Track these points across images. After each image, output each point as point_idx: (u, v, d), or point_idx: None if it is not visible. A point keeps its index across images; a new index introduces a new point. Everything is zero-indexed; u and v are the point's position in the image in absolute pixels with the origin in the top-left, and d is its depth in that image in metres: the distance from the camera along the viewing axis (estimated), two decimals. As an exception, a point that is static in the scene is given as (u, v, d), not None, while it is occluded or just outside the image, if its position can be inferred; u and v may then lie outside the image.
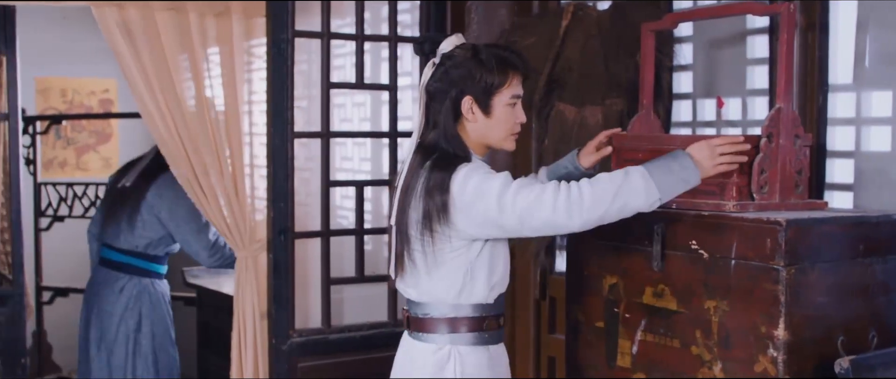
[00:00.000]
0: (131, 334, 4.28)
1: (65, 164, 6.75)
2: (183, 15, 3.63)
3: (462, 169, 2.57)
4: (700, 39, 3.44)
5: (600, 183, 2.49)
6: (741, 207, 2.64)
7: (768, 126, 2.69)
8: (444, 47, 2.65)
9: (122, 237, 4.30)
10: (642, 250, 2.82)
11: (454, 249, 2.60)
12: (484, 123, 2.65)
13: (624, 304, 2.90)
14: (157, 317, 4.32)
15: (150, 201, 4.27)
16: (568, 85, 3.77)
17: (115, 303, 4.30)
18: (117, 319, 4.28)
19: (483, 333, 2.69)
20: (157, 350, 4.30)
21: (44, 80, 6.63)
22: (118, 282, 4.31)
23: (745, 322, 2.53)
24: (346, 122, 5.19)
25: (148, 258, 4.32)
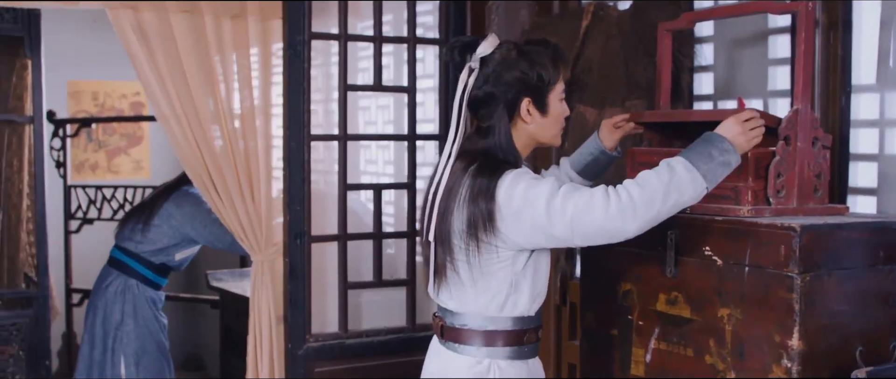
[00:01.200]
0: (111, 331, 4.28)
1: (96, 167, 6.79)
2: (198, 17, 3.61)
3: (508, 175, 2.46)
4: (721, 39, 3.35)
5: (649, 182, 2.37)
6: (756, 212, 2.56)
7: (785, 128, 2.61)
8: (481, 51, 2.54)
9: (132, 240, 4.32)
10: (656, 256, 2.74)
11: (501, 259, 2.51)
12: (540, 123, 2.59)
13: (637, 311, 2.83)
14: (142, 319, 4.31)
15: (168, 210, 4.27)
16: (588, 86, 3.70)
17: (100, 297, 4.33)
18: (101, 314, 4.30)
19: (523, 346, 2.59)
20: (140, 351, 4.28)
21: (75, 84, 6.67)
22: (108, 278, 4.34)
23: (759, 331, 2.45)
24: (371, 124, 5.16)
25: (145, 263, 4.31)
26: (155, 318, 4.35)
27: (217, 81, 3.65)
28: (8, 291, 4.77)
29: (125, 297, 4.27)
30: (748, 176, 2.59)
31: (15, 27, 4.57)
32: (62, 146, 5.83)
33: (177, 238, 4.30)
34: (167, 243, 4.30)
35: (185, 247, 4.37)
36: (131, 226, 4.34)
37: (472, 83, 2.54)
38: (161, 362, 4.35)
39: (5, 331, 4.60)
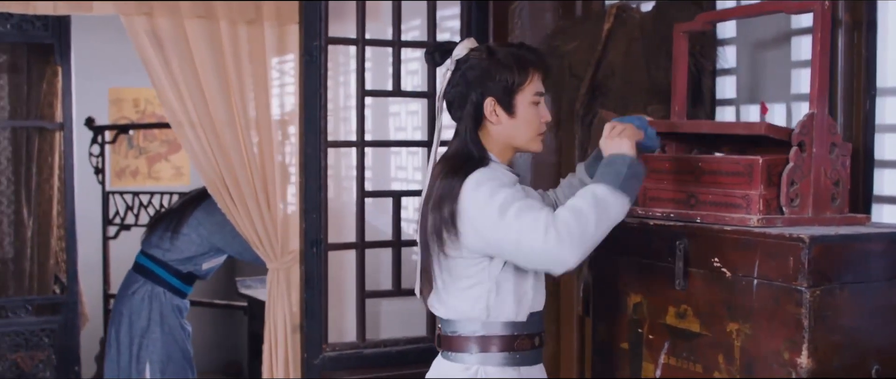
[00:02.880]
0: (137, 338, 4.25)
1: (137, 173, 6.83)
2: (213, 22, 3.57)
3: (474, 175, 2.41)
4: (744, 41, 3.22)
5: (580, 209, 2.29)
6: (767, 222, 2.43)
7: (799, 134, 2.48)
8: (457, 53, 2.52)
9: (159, 248, 4.29)
10: (665, 267, 2.63)
11: (475, 263, 2.44)
12: (509, 125, 2.50)
13: (647, 324, 2.71)
14: (168, 326, 4.27)
15: (198, 217, 4.24)
16: (610, 91, 3.59)
17: (126, 304, 4.29)
18: (127, 320, 4.27)
19: (514, 353, 2.50)
20: (165, 360, 4.24)
21: (117, 91, 6.72)
22: (134, 284, 4.30)
23: (768, 347, 2.33)
24: (400, 130, 5.11)
25: (173, 272, 4.28)
26: (180, 326, 4.32)
27: (232, 87, 3.61)
28: (38, 297, 4.79)
29: (152, 304, 4.25)
30: (759, 184, 2.46)
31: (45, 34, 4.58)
32: (101, 152, 5.87)
33: (205, 247, 4.26)
34: (195, 252, 4.26)
35: (213, 256, 4.34)
36: (159, 233, 4.31)
37: (446, 85, 2.53)
38: (185, 369, 4.33)
39: (35, 336, 4.61)
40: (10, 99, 4.81)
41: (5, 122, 4.78)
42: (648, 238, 2.70)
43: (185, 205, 4.35)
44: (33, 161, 4.81)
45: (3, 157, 4.80)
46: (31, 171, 4.81)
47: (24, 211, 4.81)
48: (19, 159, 4.80)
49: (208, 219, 4.22)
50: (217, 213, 4.18)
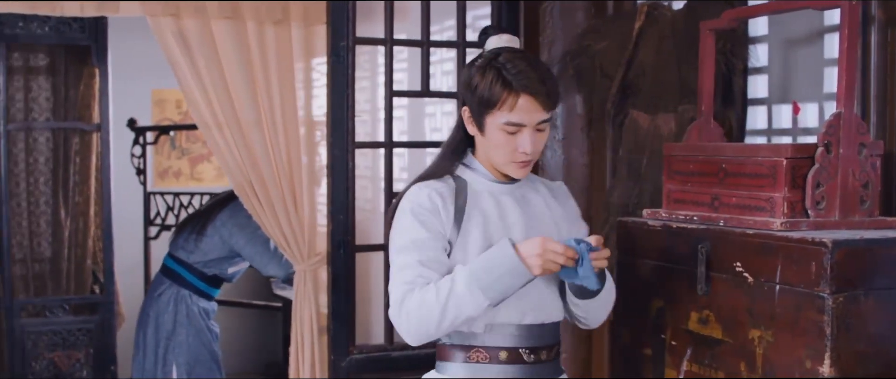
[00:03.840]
0: (162, 340, 4.25)
1: (179, 174, 6.87)
2: (240, 23, 3.55)
3: (408, 194, 2.34)
4: (776, 39, 3.13)
5: (426, 303, 2.19)
6: (791, 226, 2.35)
7: (826, 134, 2.39)
8: (488, 45, 2.37)
9: (184, 250, 4.29)
10: (687, 272, 2.56)
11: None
12: (481, 140, 2.35)
13: (670, 330, 2.64)
14: (194, 328, 4.27)
15: (221, 219, 4.24)
16: (641, 91, 3.51)
17: (153, 306, 4.30)
18: (153, 323, 4.28)
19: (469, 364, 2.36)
20: (192, 362, 4.24)
21: (160, 92, 6.77)
22: (160, 287, 4.31)
23: (790, 356, 2.25)
24: (436, 131, 5.07)
25: (198, 274, 4.28)
26: (207, 328, 4.32)
27: (259, 88, 3.59)
28: (75, 297, 4.85)
29: (177, 307, 4.25)
30: (784, 186, 2.38)
31: (82, 36, 4.64)
32: (142, 153, 5.91)
33: (226, 251, 4.26)
34: (218, 255, 4.26)
35: (237, 261, 4.33)
36: (185, 235, 4.32)
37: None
38: (213, 371, 4.33)
39: (73, 336, 4.67)
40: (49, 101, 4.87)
41: (44, 123, 4.84)
42: (671, 241, 2.63)
43: (212, 207, 4.35)
44: (71, 162, 4.87)
45: (42, 159, 4.86)
46: (68, 171, 4.86)
47: (61, 211, 4.86)
48: (57, 160, 4.86)
49: (231, 221, 4.22)
50: (240, 216, 4.17)
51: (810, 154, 2.39)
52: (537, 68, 2.28)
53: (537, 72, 2.26)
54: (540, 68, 2.28)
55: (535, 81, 2.24)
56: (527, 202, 2.41)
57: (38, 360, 4.58)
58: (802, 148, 2.40)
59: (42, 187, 4.87)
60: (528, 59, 2.30)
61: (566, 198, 2.52)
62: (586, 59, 3.70)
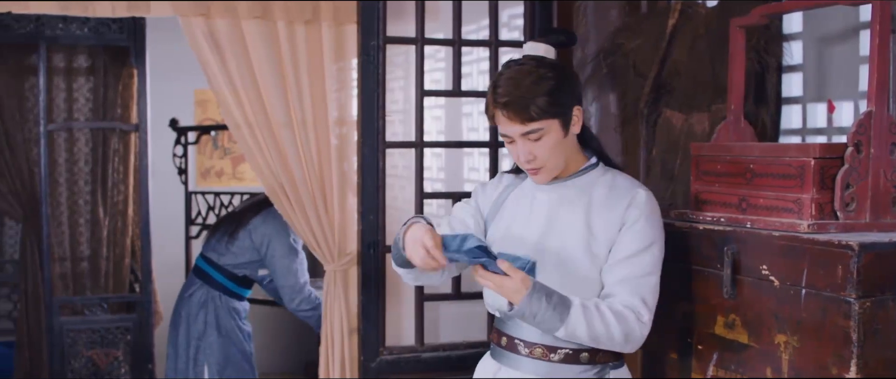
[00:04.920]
0: (193, 341, 4.24)
1: (221, 174, 6.91)
2: (270, 23, 3.55)
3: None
4: (810, 36, 3.05)
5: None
6: (818, 228, 2.29)
7: (856, 133, 2.32)
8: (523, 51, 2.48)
9: (216, 251, 4.29)
10: (714, 275, 2.50)
11: None
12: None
13: (697, 334, 2.59)
14: (224, 329, 4.26)
15: (254, 223, 4.23)
16: (675, 90, 3.45)
17: (184, 307, 4.31)
18: (184, 323, 4.28)
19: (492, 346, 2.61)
20: (223, 362, 4.23)
21: (202, 93, 6.81)
22: (192, 287, 4.31)
23: (816, 362, 2.19)
24: (472, 131, 5.04)
25: (228, 275, 4.27)
26: (238, 328, 4.31)
27: (290, 88, 3.59)
28: (113, 296, 4.89)
29: (207, 308, 4.25)
30: (812, 187, 2.32)
31: (121, 37, 4.68)
32: (184, 153, 5.95)
33: (256, 255, 4.25)
34: (249, 258, 4.25)
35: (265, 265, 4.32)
36: (218, 237, 4.32)
37: None
38: (245, 370, 4.33)
39: (111, 334, 4.71)
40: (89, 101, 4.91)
41: (83, 123, 4.89)
42: (698, 243, 2.57)
43: (246, 210, 4.35)
44: (110, 162, 4.91)
45: (81, 159, 4.91)
46: (107, 171, 4.91)
47: (100, 211, 4.91)
48: (96, 160, 4.90)
49: (262, 226, 4.20)
50: (271, 223, 4.17)
51: (840, 154, 2.32)
52: (514, 82, 2.31)
53: (509, 86, 2.31)
54: (517, 82, 2.31)
55: (503, 96, 2.31)
56: (567, 204, 2.43)
57: (77, 358, 4.63)
58: (831, 148, 2.34)
59: (82, 187, 4.92)
60: (515, 72, 2.35)
61: (627, 208, 2.38)
62: (620, 58, 3.65)
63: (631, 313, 2.32)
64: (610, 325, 2.29)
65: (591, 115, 3.82)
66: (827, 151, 2.33)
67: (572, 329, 2.28)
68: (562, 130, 2.35)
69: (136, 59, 4.71)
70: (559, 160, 2.40)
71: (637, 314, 2.32)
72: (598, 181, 2.45)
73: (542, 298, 2.25)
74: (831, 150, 2.33)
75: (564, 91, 2.34)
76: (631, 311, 2.32)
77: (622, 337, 2.31)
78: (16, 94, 4.79)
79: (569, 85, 2.36)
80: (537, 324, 2.29)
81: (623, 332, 2.30)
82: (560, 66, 2.39)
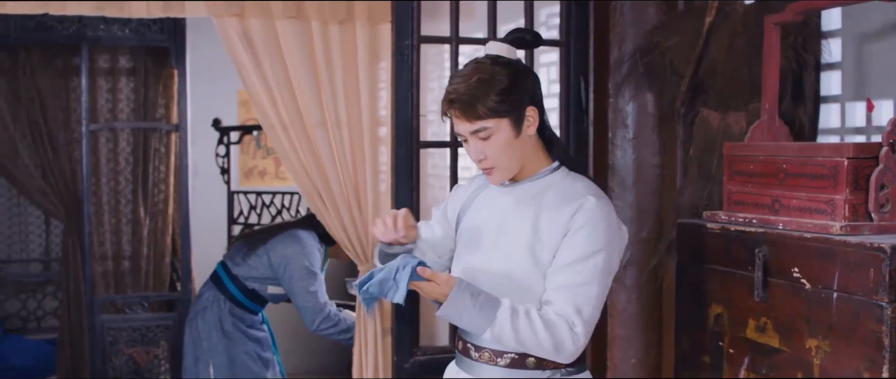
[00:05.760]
0: (201, 342, 4.21)
1: (264, 174, 6.94)
2: (304, 22, 3.55)
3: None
4: (849, 33, 2.98)
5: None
6: (851, 230, 2.23)
7: (891, 132, 2.27)
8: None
9: (233, 260, 4.25)
10: (746, 276, 2.45)
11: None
12: None
13: (728, 337, 2.54)
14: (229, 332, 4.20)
15: (274, 243, 4.19)
16: (712, 89, 3.40)
17: (194, 307, 4.29)
18: (192, 324, 4.25)
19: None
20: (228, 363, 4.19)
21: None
22: (204, 289, 4.30)
23: (847, 367, 2.14)
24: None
25: (239, 286, 4.24)
26: (243, 333, 4.27)
27: (324, 88, 3.58)
28: (154, 294, 4.93)
29: (212, 310, 4.22)
30: (845, 188, 2.26)
31: (161, 37, 4.73)
32: (227, 153, 5.99)
33: (270, 273, 4.22)
34: (262, 274, 4.21)
35: (278, 284, 4.28)
36: (238, 247, 4.30)
37: None
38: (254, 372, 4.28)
39: (151, 332, 4.76)
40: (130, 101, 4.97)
41: (124, 123, 4.94)
42: (729, 245, 2.53)
43: (273, 229, 4.30)
44: (151, 161, 4.96)
45: (122, 158, 4.97)
46: (148, 171, 4.96)
47: (141, 210, 4.96)
48: (137, 160, 4.96)
49: (281, 247, 4.16)
50: (290, 245, 4.15)
51: (874, 154, 2.27)
52: (464, 80, 2.28)
53: (457, 83, 2.29)
54: (467, 80, 2.28)
55: (451, 94, 2.29)
56: (519, 206, 2.37)
57: (118, 356, 4.68)
58: (866, 147, 2.28)
59: (123, 187, 4.97)
60: (468, 70, 2.32)
61: (574, 214, 2.27)
62: (656, 57, 3.60)
63: (563, 323, 2.21)
64: (538, 332, 2.20)
65: (627, 115, 3.77)
66: (861, 151, 2.27)
67: (498, 333, 2.22)
68: (512, 130, 2.28)
69: (176, 60, 4.76)
70: (512, 161, 2.33)
71: (570, 324, 2.21)
72: (554, 185, 2.36)
73: (467, 298, 2.21)
74: (866, 149, 2.28)
75: (516, 91, 2.28)
76: (564, 320, 2.21)
77: (552, 346, 2.21)
78: (59, 94, 4.86)
79: (522, 84, 2.30)
80: (465, 325, 2.26)
81: (553, 341, 2.20)
82: (515, 65, 2.32)
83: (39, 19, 4.55)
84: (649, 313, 3.76)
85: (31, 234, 6.26)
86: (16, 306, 6.46)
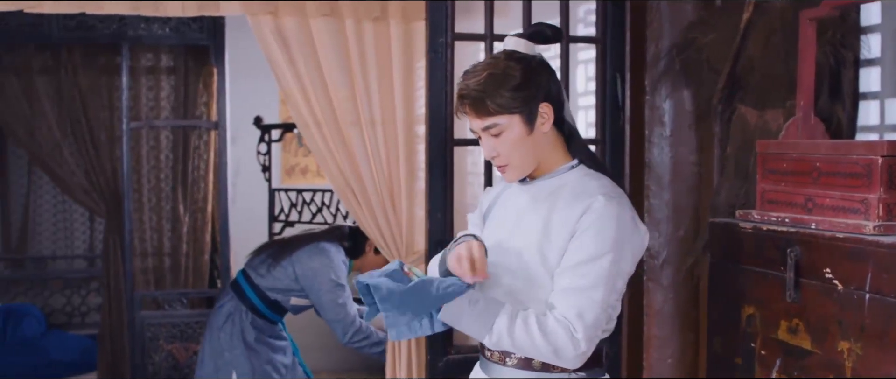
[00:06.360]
0: (221, 352, 4.18)
1: (306, 171, 6.97)
2: (338, 20, 3.55)
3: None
4: (889, 28, 2.92)
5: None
6: (885, 229, 2.18)
7: (927, 131, 2.21)
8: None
9: (256, 271, 4.22)
10: (778, 277, 2.41)
11: None
12: None
13: (760, 338, 2.50)
14: (251, 343, 4.19)
15: (299, 257, 4.16)
16: (749, 86, 3.34)
17: (213, 317, 4.25)
18: (211, 334, 4.22)
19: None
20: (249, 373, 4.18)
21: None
22: (224, 298, 4.26)
23: (880, 371, 2.09)
24: (548, 128, 4.97)
25: (261, 296, 4.22)
26: (265, 344, 4.26)
27: (357, 86, 3.58)
28: (193, 291, 4.97)
29: (233, 321, 4.20)
30: (879, 186, 2.21)
31: (201, 36, 4.76)
32: (268, 151, 6.02)
33: (294, 285, 4.20)
34: (285, 286, 4.18)
35: (302, 296, 4.27)
36: (262, 258, 4.25)
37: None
38: None
39: (190, 328, 4.80)
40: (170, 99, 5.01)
41: (164, 121, 4.99)
42: (761, 245, 2.48)
43: (298, 240, 4.28)
44: (190, 159, 5.00)
45: (162, 156, 5.01)
46: (187, 168, 5.00)
47: (180, 207, 5.00)
48: (177, 157, 5.00)
49: (308, 260, 4.13)
50: (317, 259, 4.12)
51: (910, 151, 2.21)
52: (474, 76, 2.24)
53: (468, 79, 2.24)
54: (477, 76, 2.23)
55: (462, 90, 2.25)
56: (534, 205, 2.32)
57: (157, 351, 4.72)
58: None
59: (163, 184, 5.02)
60: (481, 66, 2.27)
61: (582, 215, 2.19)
62: (693, 53, 3.55)
63: (563, 328, 2.13)
64: (534, 338, 2.13)
65: (664, 112, 3.73)
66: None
67: (497, 338, 2.17)
68: (525, 127, 2.22)
69: (215, 58, 4.79)
70: (526, 158, 2.27)
71: (571, 330, 2.13)
72: (569, 183, 2.29)
73: (464, 303, 2.16)
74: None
75: (529, 87, 2.22)
76: (564, 325, 2.13)
77: (551, 351, 2.14)
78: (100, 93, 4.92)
79: (535, 80, 2.23)
80: (466, 330, 2.20)
81: (552, 346, 2.13)
82: (529, 60, 2.26)
83: (81, 19, 4.61)
84: (686, 313, 3.71)
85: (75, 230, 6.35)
86: (61, 302, 6.56)
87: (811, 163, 2.42)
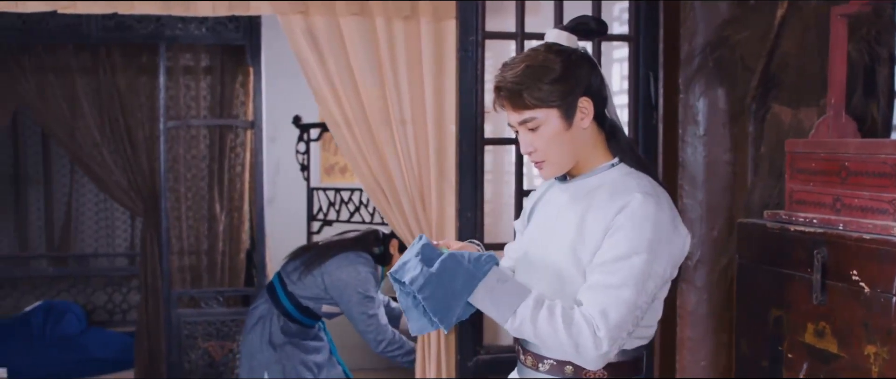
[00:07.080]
0: (255, 353, 4.19)
1: (345, 171, 6.99)
2: (368, 19, 3.55)
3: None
4: (924, 25, 2.85)
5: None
6: (913, 231, 2.13)
7: (958, 130, 2.15)
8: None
9: (289, 277, 4.23)
10: (805, 279, 2.36)
11: None
12: None
13: (787, 341, 2.45)
14: (279, 345, 4.19)
15: (328, 268, 4.16)
16: (784, 84, 3.29)
17: (248, 318, 4.27)
18: (245, 335, 4.24)
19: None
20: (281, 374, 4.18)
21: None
22: (258, 300, 4.28)
23: (906, 375, 2.03)
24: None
25: (293, 302, 4.22)
26: (295, 346, 4.26)
27: (388, 85, 3.58)
28: (229, 289, 5.00)
29: (263, 323, 4.22)
30: (907, 187, 2.16)
31: (237, 36, 4.79)
32: (306, 150, 6.04)
33: (325, 295, 4.20)
34: (315, 295, 4.18)
35: (333, 304, 4.26)
36: (295, 265, 4.26)
37: None
38: None
39: (227, 327, 4.83)
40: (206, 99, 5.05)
41: (200, 120, 5.02)
42: (788, 246, 2.44)
43: (327, 249, 4.27)
44: (227, 158, 5.03)
45: (199, 155, 5.04)
46: (224, 167, 5.03)
47: (216, 206, 5.03)
48: (213, 156, 5.03)
49: (336, 272, 4.12)
50: (346, 269, 4.11)
51: (939, 151, 2.16)
52: (511, 69, 2.19)
53: (506, 72, 2.19)
54: (514, 68, 2.18)
55: (499, 82, 2.20)
56: (572, 203, 2.27)
57: (194, 349, 4.76)
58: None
59: (199, 182, 5.05)
60: (519, 58, 2.22)
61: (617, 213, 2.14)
62: (726, 51, 3.51)
63: (586, 325, 2.07)
64: (558, 330, 2.08)
65: (698, 111, 3.68)
66: (925, 148, 2.17)
67: (519, 323, 2.11)
68: (563, 122, 2.17)
69: (252, 58, 4.82)
70: (563, 155, 2.21)
71: (593, 327, 2.06)
72: (608, 182, 2.23)
73: (494, 279, 2.12)
74: (928, 147, 2.17)
75: (568, 80, 2.16)
76: (588, 322, 2.07)
77: (572, 347, 2.08)
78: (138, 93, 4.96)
79: (575, 73, 2.17)
80: (489, 311, 2.15)
81: (573, 341, 2.07)
82: (569, 53, 2.20)
83: (119, 19, 4.66)
84: (719, 314, 3.66)
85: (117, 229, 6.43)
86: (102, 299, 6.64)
87: (840, 162, 2.37)
